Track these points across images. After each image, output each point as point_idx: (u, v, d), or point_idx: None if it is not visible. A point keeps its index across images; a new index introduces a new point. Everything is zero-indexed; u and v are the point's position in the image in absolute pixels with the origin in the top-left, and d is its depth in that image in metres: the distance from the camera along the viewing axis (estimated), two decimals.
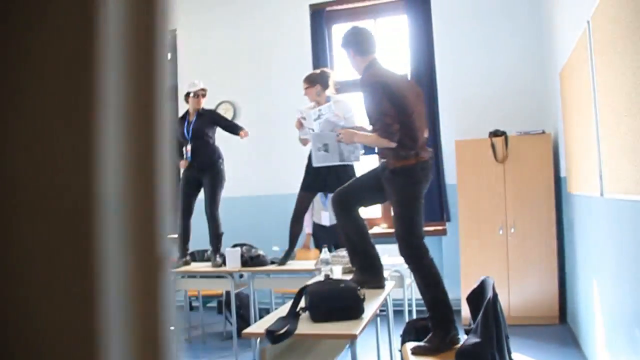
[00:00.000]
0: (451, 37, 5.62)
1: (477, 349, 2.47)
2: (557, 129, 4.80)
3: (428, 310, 2.93)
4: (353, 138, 3.24)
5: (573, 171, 4.00)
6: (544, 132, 4.88)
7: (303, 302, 2.56)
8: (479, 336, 2.49)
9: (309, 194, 4.39)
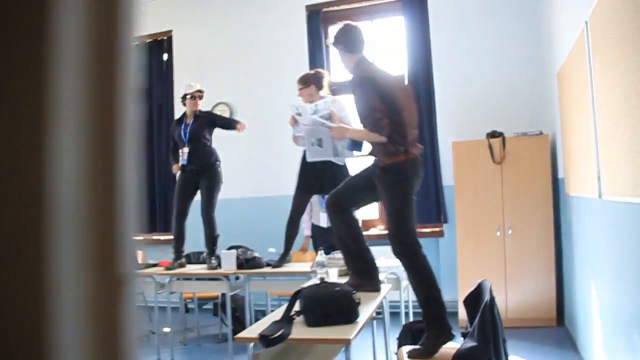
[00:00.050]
0: (448, 38, 5.59)
1: (473, 352, 2.44)
2: (555, 130, 4.77)
3: (421, 308, 2.91)
4: (345, 134, 3.29)
5: (571, 172, 3.98)
6: (541, 133, 4.85)
7: (297, 306, 2.53)
8: (475, 340, 2.46)
9: (304, 195, 4.35)
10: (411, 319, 4.11)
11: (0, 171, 0.31)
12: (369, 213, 5.72)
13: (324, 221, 4.75)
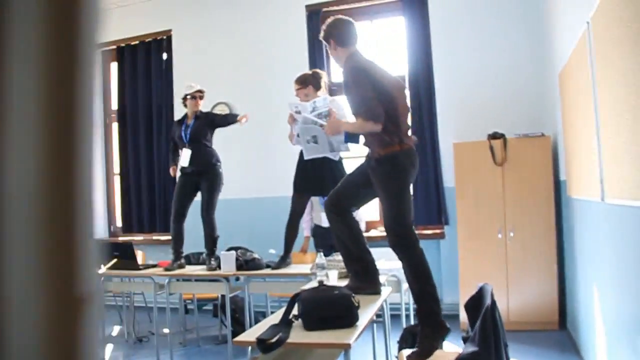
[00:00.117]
0: (449, 38, 5.56)
1: (475, 357, 2.41)
2: (557, 132, 4.74)
3: (415, 303, 2.89)
4: (340, 128, 3.24)
5: (573, 174, 3.94)
6: (543, 135, 4.81)
7: (296, 309, 2.50)
8: (477, 345, 2.43)
9: (303, 196, 4.32)
10: (412, 322, 4.08)
11: None
12: (369, 214, 5.68)
13: (325, 221, 4.72)
